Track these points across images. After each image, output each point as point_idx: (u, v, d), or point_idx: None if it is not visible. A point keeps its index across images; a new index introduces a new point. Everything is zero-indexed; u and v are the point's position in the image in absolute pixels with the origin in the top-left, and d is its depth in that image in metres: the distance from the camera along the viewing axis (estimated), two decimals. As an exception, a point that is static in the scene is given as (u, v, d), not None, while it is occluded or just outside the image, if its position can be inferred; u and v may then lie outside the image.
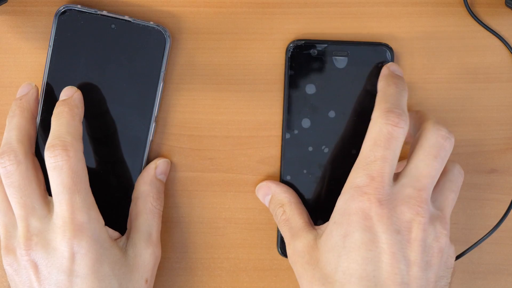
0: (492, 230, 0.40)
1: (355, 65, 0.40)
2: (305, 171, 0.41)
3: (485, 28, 0.42)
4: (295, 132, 0.41)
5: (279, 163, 0.42)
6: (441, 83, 0.42)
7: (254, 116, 0.42)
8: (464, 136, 0.43)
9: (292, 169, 0.41)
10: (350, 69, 0.40)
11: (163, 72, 0.40)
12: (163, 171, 0.41)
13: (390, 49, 0.41)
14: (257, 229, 0.43)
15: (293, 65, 0.40)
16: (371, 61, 0.40)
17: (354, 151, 0.40)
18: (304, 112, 0.40)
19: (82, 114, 0.39)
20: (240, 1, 0.42)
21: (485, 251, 0.43)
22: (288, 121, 0.41)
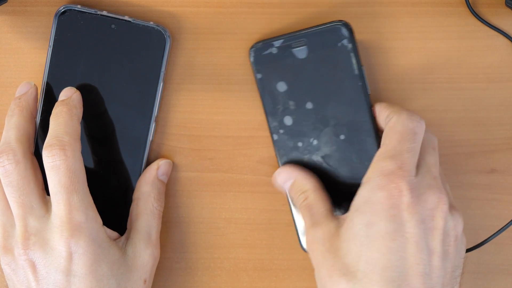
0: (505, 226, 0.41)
1: (316, 51, 0.39)
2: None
3: (489, 27, 0.42)
4: (281, 131, 0.40)
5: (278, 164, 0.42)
6: (441, 83, 0.42)
7: (254, 116, 0.42)
8: (464, 136, 0.43)
9: None
10: (313, 56, 0.39)
11: (163, 72, 0.40)
12: (164, 172, 0.41)
13: (345, 24, 0.39)
14: (257, 229, 0.43)
15: (258, 68, 0.40)
16: (330, 42, 0.39)
17: (343, 137, 0.40)
18: (283, 110, 0.40)
19: (81, 114, 0.39)
20: (240, 1, 0.42)
21: (485, 251, 0.43)
22: (271, 123, 0.41)
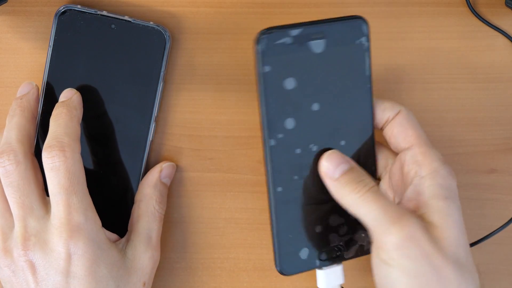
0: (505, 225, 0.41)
1: (333, 46, 0.35)
2: (296, 177, 0.36)
3: (490, 26, 0.42)
4: (280, 136, 0.35)
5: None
6: (441, 83, 0.42)
7: (254, 116, 0.42)
8: (464, 136, 0.43)
9: (282, 179, 0.36)
10: (329, 51, 0.35)
11: (163, 72, 0.40)
12: (167, 174, 0.41)
13: (365, 22, 0.35)
14: (257, 229, 0.43)
15: (267, 59, 0.34)
16: (349, 38, 0.35)
17: (343, 142, 0.36)
18: (286, 111, 0.35)
19: (81, 116, 0.39)
20: (240, 1, 0.42)
21: (485, 251, 0.43)
22: (270, 125, 0.35)
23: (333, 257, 0.38)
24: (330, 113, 0.36)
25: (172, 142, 0.43)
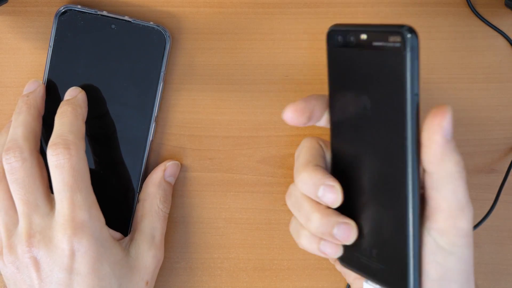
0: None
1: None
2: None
3: (490, 26, 0.42)
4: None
5: (279, 163, 0.42)
6: (441, 83, 0.42)
7: (254, 116, 0.42)
8: (464, 136, 0.43)
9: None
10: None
11: (163, 72, 0.40)
12: (172, 173, 0.41)
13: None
14: (257, 229, 0.43)
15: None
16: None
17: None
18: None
19: (86, 114, 0.39)
20: (240, 1, 0.42)
21: (485, 251, 0.43)
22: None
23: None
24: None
25: (172, 142, 0.43)
